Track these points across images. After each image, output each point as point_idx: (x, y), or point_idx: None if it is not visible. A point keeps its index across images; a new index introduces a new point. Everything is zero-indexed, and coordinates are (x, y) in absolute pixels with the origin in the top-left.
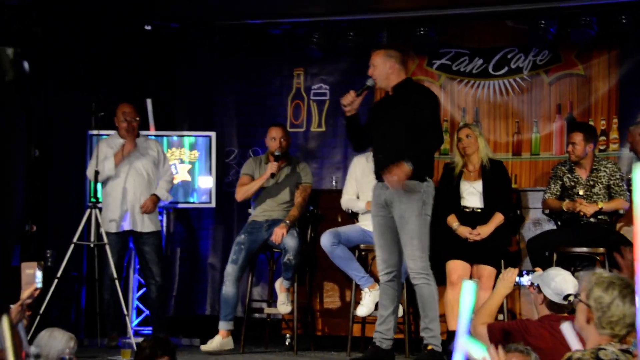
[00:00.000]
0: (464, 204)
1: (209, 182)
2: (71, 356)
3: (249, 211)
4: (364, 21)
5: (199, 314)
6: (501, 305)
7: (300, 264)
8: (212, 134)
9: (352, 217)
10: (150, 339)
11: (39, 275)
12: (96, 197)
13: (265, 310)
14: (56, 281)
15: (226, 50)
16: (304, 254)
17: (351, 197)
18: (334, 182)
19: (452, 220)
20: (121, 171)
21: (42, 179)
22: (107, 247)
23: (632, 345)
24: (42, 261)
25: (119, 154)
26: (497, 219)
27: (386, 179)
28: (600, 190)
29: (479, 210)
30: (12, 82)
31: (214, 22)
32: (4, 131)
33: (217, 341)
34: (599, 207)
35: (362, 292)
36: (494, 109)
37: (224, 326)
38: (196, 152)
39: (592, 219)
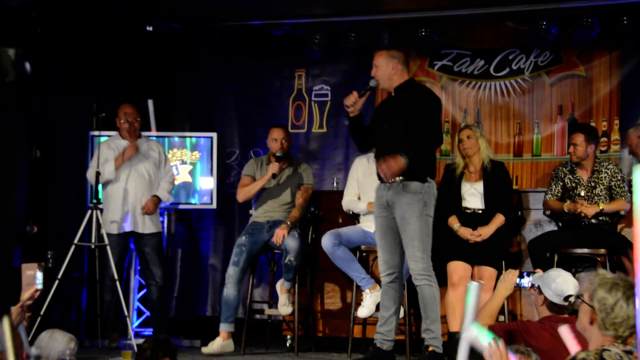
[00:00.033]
0: (465, 205)
1: (210, 183)
2: (72, 357)
3: (250, 212)
4: (365, 22)
5: (199, 315)
6: (502, 306)
7: (301, 265)
8: (213, 135)
9: (353, 218)
10: (151, 340)
11: (39, 276)
12: (97, 198)
13: (266, 311)
14: (57, 282)
15: (227, 51)
16: (305, 255)
17: (352, 198)
18: (335, 183)
19: (453, 221)
20: (122, 172)
21: (43, 180)
22: (108, 248)
23: (634, 346)
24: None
25: (120, 158)
26: (498, 220)
27: (379, 167)
28: (601, 191)
29: (480, 211)
30: (13, 83)
31: (214, 22)
32: (4, 132)
33: (217, 343)
34: (600, 208)
35: (362, 293)
36: (495, 110)
37: (224, 328)
38: (197, 153)
39: (593, 220)
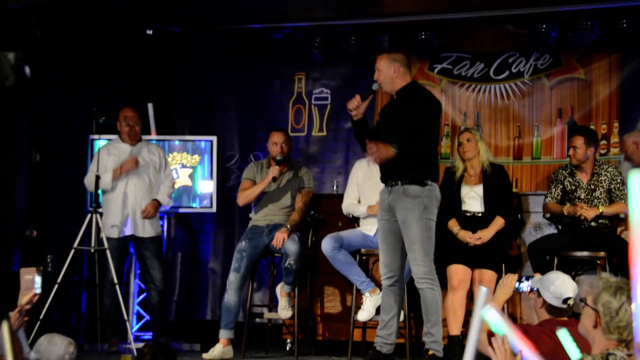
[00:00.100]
0: (464, 208)
1: (210, 186)
2: None
3: (250, 216)
4: (365, 25)
5: (199, 319)
6: (502, 309)
7: (301, 268)
8: (213, 138)
9: (353, 222)
10: (150, 345)
11: (38, 280)
12: (97, 202)
13: (266, 315)
14: (56, 286)
15: (227, 54)
16: (305, 259)
17: (352, 202)
18: (335, 187)
19: (453, 224)
20: (122, 176)
21: (42, 184)
22: (108, 252)
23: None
24: (42, 266)
25: (117, 170)
26: (498, 223)
27: (369, 147)
28: (601, 194)
29: (480, 214)
30: (13, 87)
31: (215, 26)
32: (4, 135)
33: (218, 350)
34: (600, 211)
35: (362, 296)
36: (495, 113)
37: (224, 335)
38: (197, 157)
39: (593, 223)
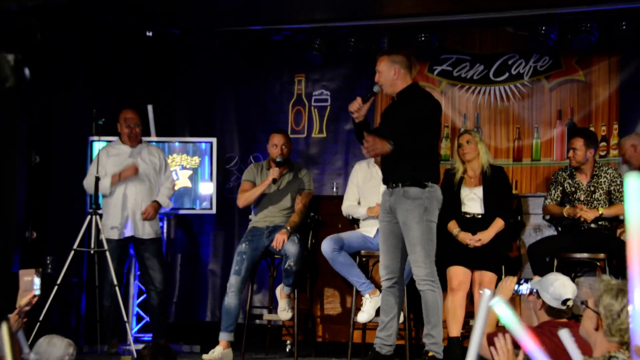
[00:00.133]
0: (464, 209)
1: (209, 188)
2: None
3: (250, 217)
4: (365, 27)
5: (199, 321)
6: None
7: (301, 270)
8: (213, 140)
9: (352, 223)
10: (150, 346)
11: (37, 282)
12: (97, 203)
13: (265, 316)
14: (56, 287)
15: (227, 55)
16: (304, 260)
17: (352, 203)
18: (334, 188)
19: (453, 226)
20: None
21: (42, 185)
22: (108, 253)
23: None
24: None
25: (116, 177)
26: (498, 224)
27: (365, 140)
28: (600, 196)
29: (480, 216)
30: (12, 89)
31: (215, 27)
32: (4, 137)
33: (218, 351)
34: (600, 212)
35: (362, 298)
36: (494, 114)
37: (224, 337)
38: (197, 158)
39: (592, 225)
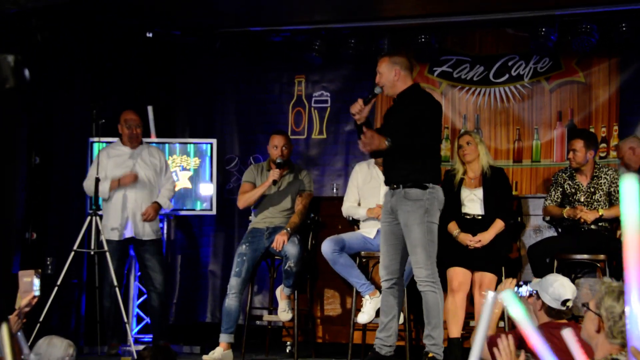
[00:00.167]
0: (464, 211)
1: (209, 189)
2: None
3: (250, 218)
4: (365, 28)
5: (199, 322)
6: (502, 312)
7: (301, 271)
8: (213, 141)
9: (352, 224)
10: (150, 347)
11: (36, 283)
12: (97, 204)
13: (265, 317)
14: (56, 289)
15: (227, 57)
16: (304, 261)
17: (352, 204)
18: (334, 189)
19: (453, 227)
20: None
21: (42, 186)
22: (108, 254)
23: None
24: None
25: (115, 182)
26: (498, 225)
27: (363, 136)
28: (600, 197)
29: (480, 217)
30: (12, 90)
31: (215, 29)
32: (4, 138)
33: (218, 352)
34: (600, 214)
35: (362, 299)
36: (494, 116)
37: (225, 339)
38: (197, 159)
39: (592, 226)
